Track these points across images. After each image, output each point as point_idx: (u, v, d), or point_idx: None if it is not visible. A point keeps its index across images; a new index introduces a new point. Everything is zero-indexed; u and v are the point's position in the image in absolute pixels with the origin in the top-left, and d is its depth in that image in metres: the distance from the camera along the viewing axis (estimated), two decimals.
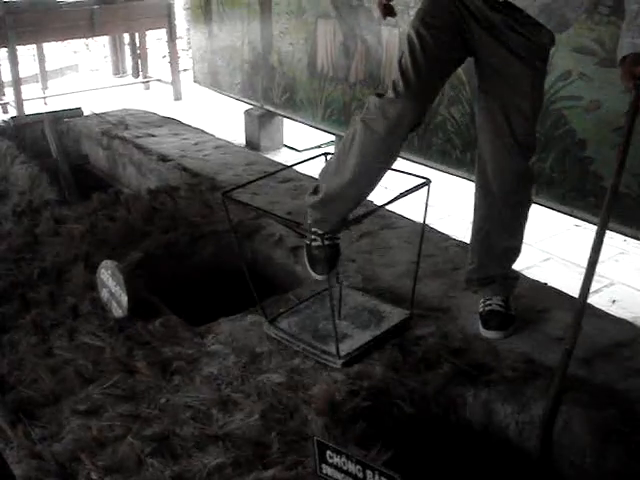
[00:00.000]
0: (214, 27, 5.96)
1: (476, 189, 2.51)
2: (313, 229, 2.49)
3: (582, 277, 2.15)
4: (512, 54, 2.24)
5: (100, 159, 5.04)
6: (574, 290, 2.72)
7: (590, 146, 3.18)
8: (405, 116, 2.20)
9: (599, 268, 3.64)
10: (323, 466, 1.59)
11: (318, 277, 2.54)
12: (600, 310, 2.65)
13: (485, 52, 2.29)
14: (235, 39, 5.70)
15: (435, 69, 2.27)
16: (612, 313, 2.66)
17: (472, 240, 2.59)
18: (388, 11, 2.41)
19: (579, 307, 2.09)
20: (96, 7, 7.24)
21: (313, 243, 2.53)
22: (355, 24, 4.40)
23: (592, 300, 2.99)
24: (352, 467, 1.53)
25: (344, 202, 2.43)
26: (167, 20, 7.51)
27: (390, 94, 2.22)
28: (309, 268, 2.56)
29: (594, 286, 3.48)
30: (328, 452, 1.56)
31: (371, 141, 2.26)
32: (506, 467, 2.18)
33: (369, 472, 1.49)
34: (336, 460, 1.55)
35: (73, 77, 9.16)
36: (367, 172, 2.33)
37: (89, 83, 8.51)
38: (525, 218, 2.52)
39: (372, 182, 2.38)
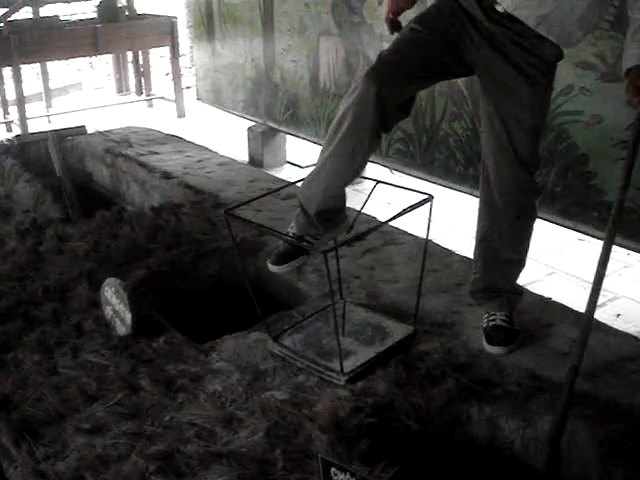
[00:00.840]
0: (217, 45, 5.99)
1: (480, 201, 2.51)
2: (291, 224, 2.55)
3: (586, 291, 2.14)
4: (512, 67, 2.24)
5: (104, 177, 5.06)
6: (578, 305, 2.73)
7: (592, 161, 3.18)
8: (364, 99, 2.17)
9: (603, 282, 3.66)
10: None
11: (271, 268, 2.57)
12: (604, 324, 2.64)
13: (485, 64, 2.29)
14: (238, 56, 5.73)
15: (415, 64, 2.26)
16: (616, 327, 2.66)
17: (475, 251, 2.59)
18: (395, 26, 2.38)
19: (585, 322, 2.08)
20: (99, 26, 7.29)
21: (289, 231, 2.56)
22: (357, 41, 4.42)
23: (596, 314, 2.97)
24: None
25: (325, 176, 2.37)
26: (170, 38, 7.54)
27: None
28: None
29: (599, 300, 3.50)
30: (332, 469, 1.56)
31: (342, 118, 2.24)
32: None
33: None
34: (340, 477, 1.55)
35: (77, 95, 9.20)
36: (339, 151, 2.28)
37: (93, 101, 8.55)
38: (529, 231, 2.50)
39: (345, 164, 2.32)
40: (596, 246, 3.20)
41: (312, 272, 3.07)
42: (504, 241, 2.48)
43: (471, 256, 2.70)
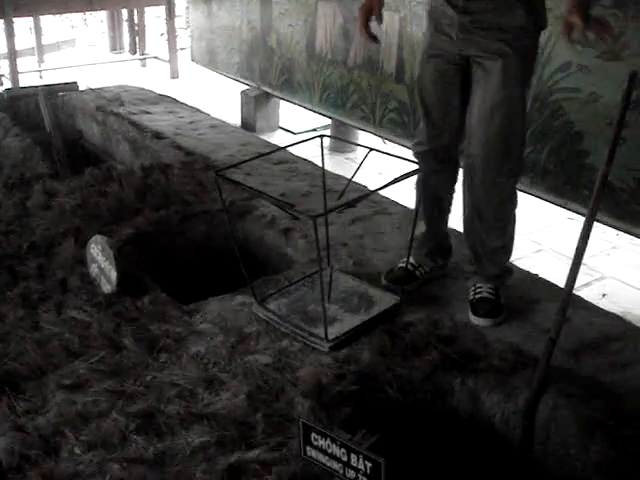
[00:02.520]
0: (213, 6, 5.90)
1: (463, 191, 2.54)
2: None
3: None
4: (484, 49, 2.31)
5: (94, 134, 5.01)
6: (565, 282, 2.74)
7: (586, 139, 3.17)
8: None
9: (590, 261, 3.68)
10: (307, 448, 1.58)
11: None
12: (589, 303, 2.65)
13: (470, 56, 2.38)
14: (234, 19, 5.65)
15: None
16: (602, 307, 2.66)
17: (465, 239, 2.61)
18: (372, 37, 2.52)
19: (565, 297, 2.08)
20: None
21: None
22: (356, 7, 4.35)
23: (582, 293, 3.00)
24: (337, 450, 1.52)
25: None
26: None
27: None
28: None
29: (585, 279, 3.52)
30: (313, 434, 1.55)
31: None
32: (491, 455, 2.18)
33: (353, 455, 1.49)
34: (321, 443, 1.55)
35: (70, 52, 9.08)
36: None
37: (86, 58, 8.44)
38: (512, 218, 2.53)
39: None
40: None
41: (300, 238, 3.06)
42: (488, 229, 2.51)
43: (460, 229, 2.70)
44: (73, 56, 8.74)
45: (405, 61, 4.05)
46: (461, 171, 2.57)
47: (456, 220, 2.76)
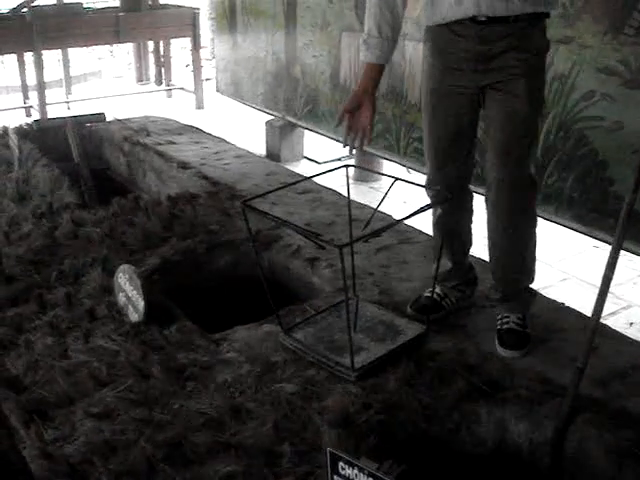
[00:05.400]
0: (238, 37, 5.99)
1: (487, 213, 2.55)
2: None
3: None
4: (504, 69, 2.29)
5: (120, 165, 5.07)
6: (591, 311, 2.73)
7: (611, 167, 3.17)
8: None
9: (617, 290, 3.65)
10: (335, 477, 1.58)
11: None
12: (617, 332, 2.63)
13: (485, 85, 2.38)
14: (259, 50, 5.72)
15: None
16: (629, 335, 2.64)
17: (490, 259, 2.61)
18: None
19: (592, 325, 2.07)
20: (122, 14, 7.31)
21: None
22: None
23: (609, 322, 2.98)
24: (364, 479, 1.52)
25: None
26: (192, 29, 7.55)
27: None
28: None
29: (611, 308, 3.50)
30: (340, 463, 1.55)
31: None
32: None
33: None
34: (348, 472, 1.54)
35: (96, 83, 9.24)
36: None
37: (112, 89, 8.57)
38: (533, 237, 2.53)
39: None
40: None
41: (326, 267, 3.07)
42: (511, 248, 2.51)
43: (486, 258, 2.70)
44: (100, 87, 8.88)
45: None
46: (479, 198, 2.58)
47: (479, 245, 2.77)
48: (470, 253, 2.82)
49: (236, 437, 1.99)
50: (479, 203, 2.66)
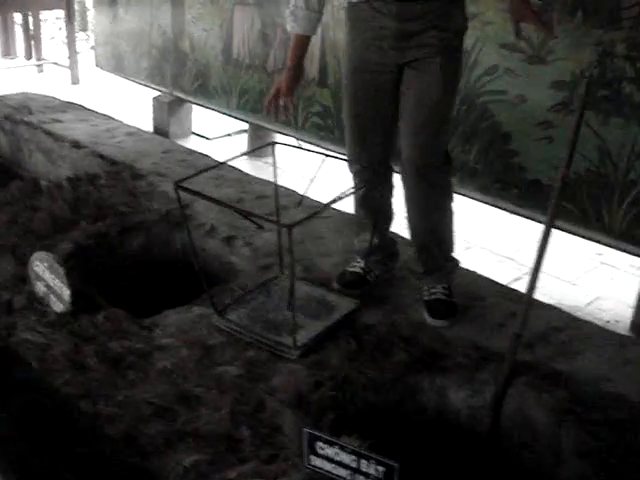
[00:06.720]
0: (120, 10, 5.76)
1: (403, 187, 2.59)
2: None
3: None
4: (423, 47, 2.33)
5: (2, 145, 4.80)
6: (498, 277, 2.98)
7: (514, 139, 3.29)
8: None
9: (518, 256, 3.81)
10: (312, 457, 1.59)
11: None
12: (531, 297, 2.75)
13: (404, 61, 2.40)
14: (143, 23, 5.53)
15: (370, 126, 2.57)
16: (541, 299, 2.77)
17: (410, 234, 2.68)
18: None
19: (529, 294, 2.17)
20: None
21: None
22: (275, 12, 4.36)
23: (516, 287, 3.11)
24: (345, 457, 1.53)
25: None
26: (65, 1, 7.14)
27: None
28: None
29: (515, 274, 3.66)
30: (319, 443, 1.56)
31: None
32: (459, 450, 2.25)
33: (364, 462, 1.51)
34: (328, 451, 1.56)
35: None
36: None
37: None
38: (450, 208, 2.60)
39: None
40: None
41: (244, 246, 3.05)
42: (430, 223, 2.58)
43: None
44: None
45: (328, 65, 4.09)
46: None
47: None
48: None
49: (191, 425, 1.96)
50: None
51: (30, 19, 7.79)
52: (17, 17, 8.31)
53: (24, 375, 1.36)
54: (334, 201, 2.30)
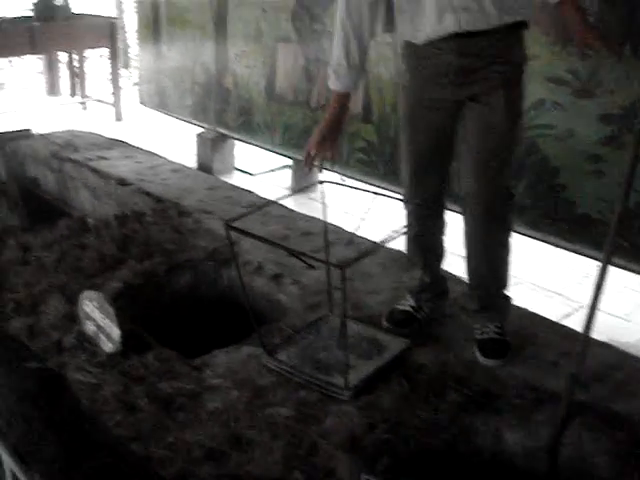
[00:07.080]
0: (163, 48, 5.86)
1: (464, 225, 2.57)
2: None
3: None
4: (484, 81, 2.31)
5: (48, 182, 4.87)
6: (548, 313, 2.90)
7: (562, 174, 3.25)
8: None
9: (567, 292, 3.74)
10: None
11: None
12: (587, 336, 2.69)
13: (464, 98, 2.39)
14: (186, 60, 5.62)
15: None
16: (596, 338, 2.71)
17: (466, 268, 2.63)
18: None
19: (584, 334, 2.13)
20: (37, 24, 7.01)
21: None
22: (318, 49, 4.40)
23: (566, 323, 3.05)
24: None
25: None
26: (109, 39, 7.31)
27: None
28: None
29: (565, 310, 3.59)
30: None
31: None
32: None
33: None
34: None
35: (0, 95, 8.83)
36: None
37: (21, 102, 8.20)
38: (508, 244, 2.56)
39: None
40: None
41: (292, 284, 3.04)
42: (488, 258, 2.55)
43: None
44: (4, 100, 8.48)
45: (372, 101, 4.09)
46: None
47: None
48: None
49: (243, 468, 1.94)
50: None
51: (74, 57, 7.94)
52: (62, 56, 8.50)
53: (100, 437, 1.33)
54: (388, 240, 2.28)
